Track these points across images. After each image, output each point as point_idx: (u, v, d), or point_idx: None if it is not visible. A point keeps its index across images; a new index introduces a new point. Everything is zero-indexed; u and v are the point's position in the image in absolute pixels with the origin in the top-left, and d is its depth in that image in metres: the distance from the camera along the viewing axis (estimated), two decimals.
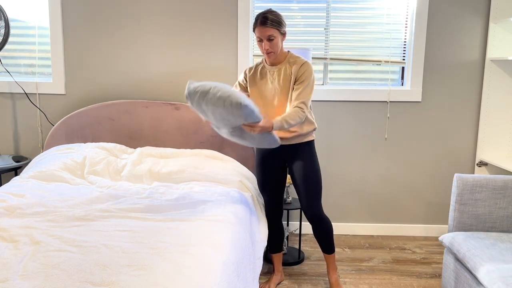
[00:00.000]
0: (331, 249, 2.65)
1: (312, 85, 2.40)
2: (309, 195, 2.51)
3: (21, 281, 1.54)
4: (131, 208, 2.28)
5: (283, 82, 2.42)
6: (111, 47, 3.34)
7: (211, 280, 1.60)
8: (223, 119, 2.23)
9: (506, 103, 3.32)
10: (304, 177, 2.49)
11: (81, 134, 3.24)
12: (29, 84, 3.37)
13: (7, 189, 2.47)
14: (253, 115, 2.16)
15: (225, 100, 2.11)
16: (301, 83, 2.37)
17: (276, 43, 2.35)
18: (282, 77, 2.42)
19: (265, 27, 2.32)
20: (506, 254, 2.08)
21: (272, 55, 2.39)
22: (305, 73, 2.37)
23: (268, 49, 2.36)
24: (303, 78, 2.37)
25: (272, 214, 2.68)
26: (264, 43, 2.35)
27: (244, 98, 2.14)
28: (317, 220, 2.56)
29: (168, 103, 3.24)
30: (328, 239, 2.62)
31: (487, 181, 2.41)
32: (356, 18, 3.34)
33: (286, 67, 2.42)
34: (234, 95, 2.12)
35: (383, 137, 3.45)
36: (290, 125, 2.31)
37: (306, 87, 2.37)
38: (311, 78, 2.39)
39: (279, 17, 2.35)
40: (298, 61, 2.42)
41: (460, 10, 3.28)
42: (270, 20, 2.31)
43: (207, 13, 3.29)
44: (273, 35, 2.33)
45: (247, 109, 2.12)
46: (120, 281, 1.54)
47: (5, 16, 3.07)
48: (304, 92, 2.36)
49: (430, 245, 3.37)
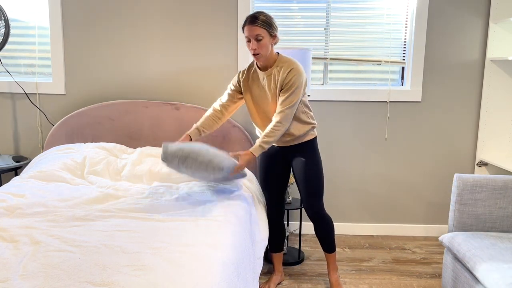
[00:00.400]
0: (331, 248, 2.65)
1: (300, 88, 2.35)
2: (310, 193, 2.51)
3: (21, 281, 1.54)
4: (131, 208, 2.28)
5: (273, 89, 2.40)
6: (111, 47, 3.34)
7: (211, 280, 1.60)
8: (203, 177, 2.43)
9: (506, 103, 3.32)
10: (305, 175, 2.49)
11: (81, 134, 3.24)
12: (29, 84, 3.37)
13: (7, 189, 2.47)
14: (235, 173, 2.37)
15: (207, 165, 2.28)
16: (287, 90, 2.34)
17: (264, 44, 2.30)
18: (272, 83, 2.40)
19: (254, 25, 2.28)
20: (506, 254, 2.08)
21: (260, 57, 2.34)
22: (292, 80, 2.32)
23: (255, 49, 2.31)
24: (289, 85, 2.33)
25: (274, 213, 2.68)
26: (252, 43, 2.30)
27: (224, 161, 2.29)
28: (318, 218, 2.56)
29: (168, 103, 3.24)
30: (329, 238, 2.62)
31: (487, 181, 2.41)
32: (356, 18, 3.34)
33: (274, 73, 2.39)
34: (215, 161, 2.27)
35: (383, 137, 3.45)
36: (270, 143, 2.35)
37: (291, 94, 2.33)
38: (299, 82, 2.34)
39: (270, 19, 2.32)
40: (286, 66, 2.36)
41: (460, 10, 3.28)
42: (260, 20, 2.29)
43: (207, 13, 3.29)
44: (261, 35, 2.29)
45: (229, 170, 2.32)
46: (120, 281, 1.54)
47: (5, 16, 3.07)
48: (288, 99, 2.33)
49: (430, 245, 3.37)
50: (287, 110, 2.34)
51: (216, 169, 2.29)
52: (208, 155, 2.25)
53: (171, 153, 2.27)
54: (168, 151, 2.27)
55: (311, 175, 2.49)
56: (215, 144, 3.21)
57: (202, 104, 3.39)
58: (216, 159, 2.27)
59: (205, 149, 2.29)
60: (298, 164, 2.51)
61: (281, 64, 2.38)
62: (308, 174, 2.49)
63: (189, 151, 2.25)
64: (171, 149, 2.27)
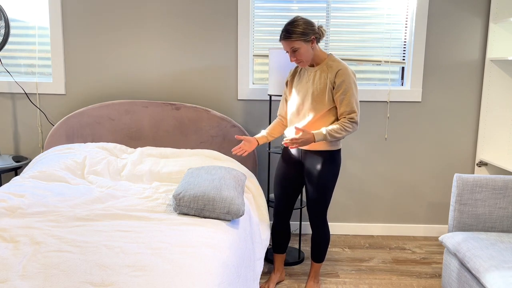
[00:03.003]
0: (319, 258, 2.63)
1: (354, 92, 2.35)
2: (314, 206, 2.50)
3: (21, 281, 1.54)
4: (131, 208, 2.28)
5: (318, 84, 2.38)
6: (111, 47, 3.34)
7: (211, 281, 1.60)
8: None
9: (506, 103, 3.32)
10: (314, 189, 2.47)
11: (81, 134, 3.24)
12: (29, 84, 3.37)
13: (7, 189, 2.47)
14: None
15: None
16: (341, 92, 2.33)
17: (303, 52, 2.34)
18: (317, 78, 2.39)
19: (286, 40, 2.33)
20: (506, 254, 2.09)
21: (304, 63, 2.39)
22: (344, 82, 2.33)
23: (295, 59, 2.37)
24: (342, 87, 2.33)
25: (279, 212, 2.66)
26: (290, 55, 2.37)
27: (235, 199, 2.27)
28: (319, 226, 2.55)
29: (168, 103, 3.24)
30: (322, 247, 2.60)
31: (487, 181, 2.41)
32: (356, 18, 3.34)
33: (322, 69, 2.40)
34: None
35: (383, 137, 3.45)
36: (334, 137, 2.31)
37: (348, 96, 2.33)
38: (351, 84, 2.34)
39: (300, 27, 2.32)
40: (334, 66, 2.37)
41: (460, 10, 3.28)
42: (292, 34, 2.31)
43: (207, 13, 3.29)
44: (295, 46, 2.33)
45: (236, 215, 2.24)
46: (120, 281, 1.54)
47: (5, 16, 3.07)
48: (345, 101, 2.33)
49: (430, 245, 3.37)
50: (352, 110, 2.34)
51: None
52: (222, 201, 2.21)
53: (185, 204, 2.24)
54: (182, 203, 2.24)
55: (323, 189, 2.46)
56: (215, 145, 3.22)
57: (202, 104, 3.39)
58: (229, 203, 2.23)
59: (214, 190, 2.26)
60: (312, 173, 2.45)
61: (330, 62, 2.40)
62: (321, 187, 2.45)
63: (203, 203, 2.21)
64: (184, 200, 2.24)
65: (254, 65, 3.43)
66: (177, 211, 2.24)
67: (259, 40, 3.37)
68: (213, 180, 2.34)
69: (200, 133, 3.22)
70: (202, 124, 3.21)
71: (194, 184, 2.30)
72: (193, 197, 2.20)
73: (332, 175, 2.46)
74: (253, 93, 3.36)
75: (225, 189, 2.26)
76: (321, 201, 2.49)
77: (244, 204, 2.26)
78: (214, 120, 3.21)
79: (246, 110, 3.39)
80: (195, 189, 2.24)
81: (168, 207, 2.33)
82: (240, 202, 2.23)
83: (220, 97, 3.38)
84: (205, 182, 2.32)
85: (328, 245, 2.60)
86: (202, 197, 2.20)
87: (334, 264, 3.02)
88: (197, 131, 3.22)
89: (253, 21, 3.34)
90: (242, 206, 2.22)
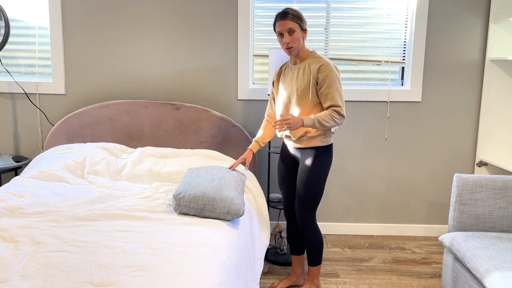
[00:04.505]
0: (313, 261, 2.57)
1: (337, 86, 2.35)
2: (302, 202, 2.46)
3: (21, 281, 1.54)
4: (131, 208, 2.28)
5: (301, 81, 2.38)
6: (111, 47, 3.34)
7: (211, 281, 1.60)
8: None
9: (506, 103, 3.32)
10: (302, 183, 2.44)
11: (81, 134, 3.24)
12: (29, 84, 3.37)
13: (7, 189, 2.47)
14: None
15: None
16: (325, 87, 2.33)
17: (297, 37, 2.35)
18: (300, 74, 2.40)
19: (285, 20, 2.34)
20: (506, 254, 2.08)
21: (293, 50, 2.37)
22: (327, 76, 2.33)
23: (288, 43, 2.35)
24: (325, 82, 2.33)
25: (288, 213, 2.65)
26: (285, 37, 2.35)
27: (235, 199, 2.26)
28: (306, 228, 2.50)
29: (168, 103, 3.24)
30: (314, 250, 2.54)
31: (487, 181, 2.41)
32: (356, 18, 3.34)
33: (306, 66, 2.41)
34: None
35: (383, 137, 3.45)
36: (322, 125, 2.29)
37: (332, 91, 2.33)
38: (334, 79, 2.34)
39: (299, 13, 2.38)
40: (317, 61, 2.38)
41: (460, 10, 3.28)
42: (291, 14, 2.34)
43: (207, 13, 3.29)
44: (293, 28, 2.34)
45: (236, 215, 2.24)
46: (120, 281, 1.54)
47: (5, 16, 3.07)
48: (330, 95, 2.33)
49: (430, 245, 3.37)
50: (336, 103, 2.33)
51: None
52: (222, 201, 2.21)
53: (185, 204, 2.24)
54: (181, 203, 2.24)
55: (307, 184, 2.42)
56: (215, 145, 3.22)
57: (202, 104, 3.39)
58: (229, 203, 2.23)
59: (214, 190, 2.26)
60: (302, 167, 2.45)
61: (313, 58, 2.41)
62: (305, 183, 2.43)
63: (203, 205, 2.21)
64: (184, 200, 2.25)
65: (254, 65, 3.43)
66: (177, 211, 2.24)
67: (259, 40, 3.37)
68: (213, 180, 2.34)
69: (200, 133, 3.22)
70: (202, 124, 3.21)
71: (194, 184, 2.30)
72: (193, 197, 2.20)
73: (321, 168, 2.42)
74: (253, 93, 3.36)
75: (225, 189, 2.26)
76: (308, 197, 2.43)
77: (244, 204, 2.26)
78: (214, 120, 3.21)
79: (246, 110, 3.39)
80: (195, 189, 2.24)
81: (168, 207, 2.33)
82: (240, 202, 2.23)
83: (220, 97, 3.38)
84: (205, 182, 2.31)
85: (322, 247, 2.54)
86: (202, 197, 2.20)
87: (334, 264, 3.02)
88: (197, 131, 3.22)
89: (253, 21, 3.34)
90: (242, 206, 2.22)
